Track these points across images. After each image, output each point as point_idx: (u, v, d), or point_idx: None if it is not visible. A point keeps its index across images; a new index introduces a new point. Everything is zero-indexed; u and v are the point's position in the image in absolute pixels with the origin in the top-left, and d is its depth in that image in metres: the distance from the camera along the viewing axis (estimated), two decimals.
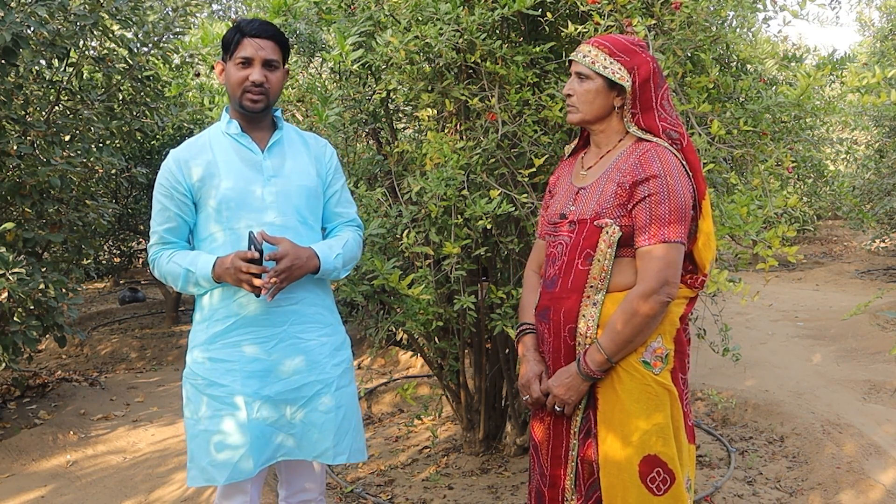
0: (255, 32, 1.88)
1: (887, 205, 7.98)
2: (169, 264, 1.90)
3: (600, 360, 1.76)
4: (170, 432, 4.06)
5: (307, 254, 1.89)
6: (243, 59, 1.88)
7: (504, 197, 2.41)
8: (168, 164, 1.93)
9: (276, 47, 1.92)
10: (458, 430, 3.73)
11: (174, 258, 1.90)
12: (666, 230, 1.73)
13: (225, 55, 1.94)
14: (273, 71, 1.92)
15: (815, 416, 3.85)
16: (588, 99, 1.82)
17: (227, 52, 1.92)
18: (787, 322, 6.56)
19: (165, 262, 1.91)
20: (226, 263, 1.82)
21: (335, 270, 1.97)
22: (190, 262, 1.88)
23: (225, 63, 1.94)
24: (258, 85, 1.88)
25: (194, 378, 1.93)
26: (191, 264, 1.87)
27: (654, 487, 1.76)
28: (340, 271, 2.00)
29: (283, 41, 1.94)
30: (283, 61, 1.97)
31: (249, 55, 1.88)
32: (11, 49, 3.26)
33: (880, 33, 8.62)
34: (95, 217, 4.10)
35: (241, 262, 1.78)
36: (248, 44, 1.88)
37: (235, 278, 1.80)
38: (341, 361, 2.02)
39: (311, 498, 2.12)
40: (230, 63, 1.91)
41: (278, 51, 1.93)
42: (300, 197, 1.96)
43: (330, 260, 1.94)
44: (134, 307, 7.84)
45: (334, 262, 1.96)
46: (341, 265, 1.98)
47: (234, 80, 1.90)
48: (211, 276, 1.84)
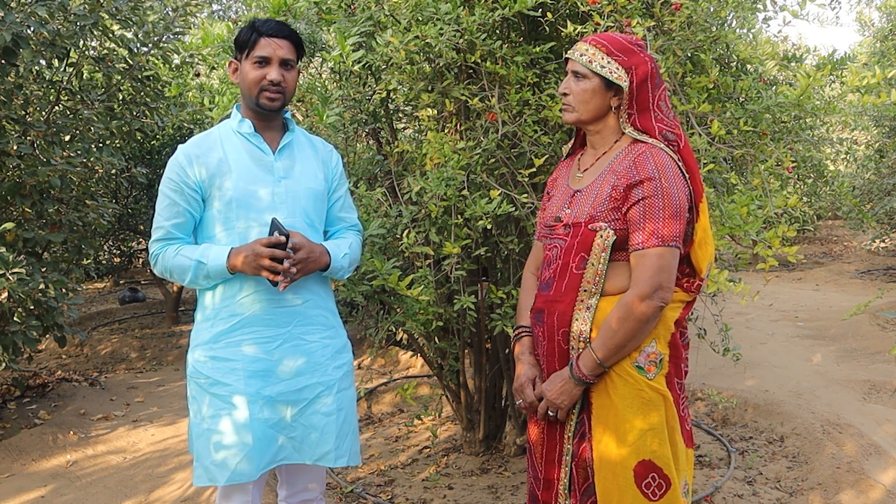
0: (271, 32, 1.89)
1: (887, 205, 7.98)
2: (176, 258, 1.88)
3: (593, 364, 1.75)
4: (170, 432, 4.06)
5: (320, 249, 1.91)
6: (260, 59, 1.89)
7: (504, 197, 2.41)
8: (177, 158, 1.91)
9: (292, 47, 1.93)
10: (458, 430, 3.73)
11: (182, 251, 1.89)
12: (661, 233, 1.72)
13: (239, 54, 1.93)
14: (289, 70, 1.93)
15: (815, 416, 3.85)
16: (584, 98, 1.80)
17: (243, 51, 1.92)
18: (787, 322, 6.56)
19: (172, 256, 1.89)
20: (243, 253, 1.81)
21: (342, 270, 2.00)
22: (200, 253, 1.86)
23: (239, 62, 1.94)
24: (276, 84, 1.89)
25: (198, 377, 1.93)
26: (202, 256, 1.86)
27: (649, 493, 1.75)
28: (346, 271, 2.03)
29: (299, 41, 1.96)
30: (298, 61, 1.98)
31: (267, 54, 1.88)
32: (11, 49, 3.26)
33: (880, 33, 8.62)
34: (95, 217, 4.10)
35: (263, 249, 1.78)
36: (266, 43, 1.88)
37: (255, 265, 1.79)
38: (343, 364, 2.03)
39: (311, 498, 2.12)
40: (246, 62, 1.91)
41: (294, 50, 1.94)
42: (308, 199, 1.97)
43: (339, 258, 1.97)
44: (134, 307, 7.83)
45: (342, 262, 1.99)
46: (347, 265, 2.02)
47: (251, 78, 1.90)
48: (225, 266, 1.83)
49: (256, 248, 1.79)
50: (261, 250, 1.78)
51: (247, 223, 1.89)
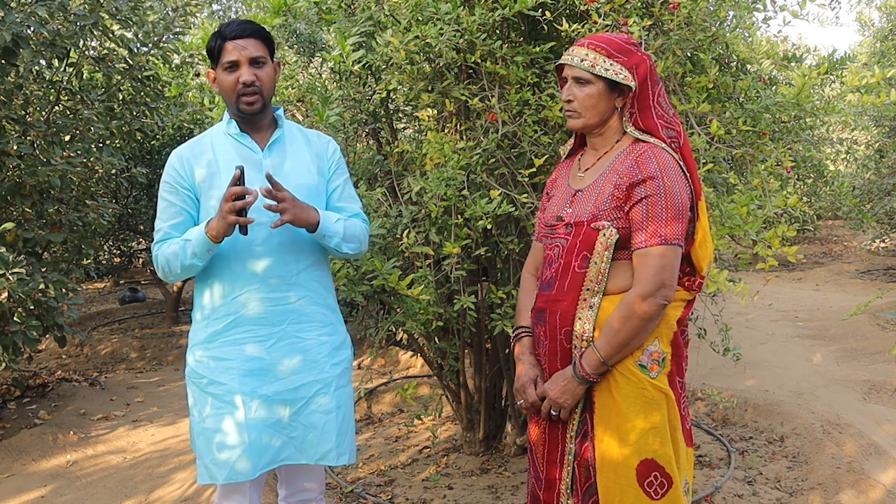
0: (235, 34, 1.88)
1: (887, 205, 7.98)
2: (169, 248, 1.90)
3: (596, 362, 1.75)
4: (170, 432, 4.06)
5: (308, 206, 1.87)
6: (229, 63, 1.88)
7: (504, 197, 2.41)
8: (171, 161, 1.94)
9: (258, 43, 1.91)
10: (458, 430, 3.73)
11: (172, 242, 1.91)
12: (663, 231, 1.72)
13: (213, 63, 1.94)
14: (261, 68, 1.91)
15: (815, 416, 3.85)
16: (591, 104, 1.79)
17: (214, 59, 1.92)
18: (787, 322, 6.56)
19: (166, 248, 1.91)
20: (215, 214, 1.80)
21: (335, 235, 1.93)
22: (185, 235, 1.89)
23: (215, 71, 1.94)
24: (249, 85, 1.88)
25: (196, 377, 1.94)
26: (187, 235, 1.88)
27: (651, 491, 1.75)
28: (340, 242, 1.95)
29: (265, 36, 1.93)
30: (271, 56, 1.96)
31: (234, 58, 1.88)
32: (11, 49, 3.26)
33: (880, 33, 8.62)
34: (95, 217, 4.10)
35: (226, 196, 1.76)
36: (232, 47, 1.88)
37: (223, 216, 1.77)
38: (340, 361, 2.02)
39: (310, 497, 2.12)
40: (219, 70, 1.91)
41: (262, 46, 1.91)
42: (299, 195, 1.96)
43: (331, 222, 1.92)
44: (134, 307, 7.83)
45: (335, 226, 1.93)
46: (341, 232, 1.94)
47: (226, 85, 1.90)
48: (205, 233, 1.81)
49: (222, 202, 1.78)
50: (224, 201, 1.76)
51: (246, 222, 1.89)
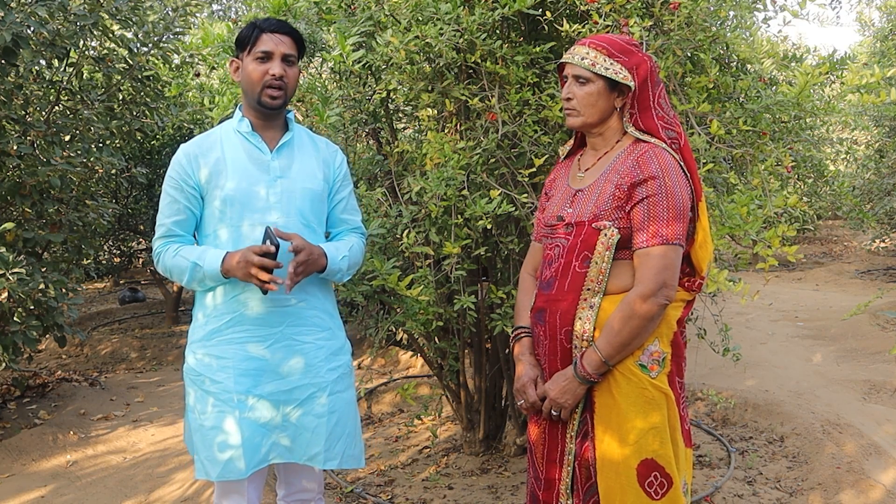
0: (273, 28, 1.90)
1: (887, 205, 7.98)
2: (175, 258, 1.90)
3: (597, 362, 1.75)
4: (170, 432, 4.06)
5: (318, 251, 1.91)
6: (263, 54, 1.89)
7: (504, 197, 2.41)
8: (178, 157, 1.94)
9: (293, 43, 1.94)
10: (458, 430, 3.73)
11: (181, 252, 1.90)
12: (664, 231, 1.72)
13: (240, 52, 1.94)
14: (291, 66, 1.93)
15: (815, 416, 3.85)
16: (590, 102, 1.80)
17: (244, 48, 1.92)
18: (787, 322, 6.55)
19: (172, 256, 1.91)
20: (236, 258, 1.81)
21: (340, 272, 1.99)
22: (198, 256, 1.87)
23: (241, 60, 1.94)
24: (278, 78, 1.89)
25: (192, 373, 1.95)
26: (199, 258, 1.87)
27: (651, 491, 1.75)
28: (344, 274, 2.02)
29: (300, 38, 1.96)
30: (299, 59, 1.98)
31: (269, 49, 1.89)
32: (11, 49, 3.26)
33: (880, 33, 8.62)
34: (95, 217, 4.10)
35: (254, 256, 1.78)
36: (268, 38, 1.89)
37: (245, 272, 1.80)
38: (338, 366, 2.02)
39: (309, 497, 2.12)
40: (248, 58, 1.91)
41: (295, 47, 1.94)
42: (304, 199, 1.97)
43: (337, 260, 1.96)
44: (134, 307, 7.84)
45: (340, 264, 1.98)
46: (346, 268, 2.01)
47: (254, 75, 1.90)
48: (219, 270, 1.84)
49: (248, 255, 1.79)
50: (252, 258, 1.78)
51: (244, 221, 1.90)
